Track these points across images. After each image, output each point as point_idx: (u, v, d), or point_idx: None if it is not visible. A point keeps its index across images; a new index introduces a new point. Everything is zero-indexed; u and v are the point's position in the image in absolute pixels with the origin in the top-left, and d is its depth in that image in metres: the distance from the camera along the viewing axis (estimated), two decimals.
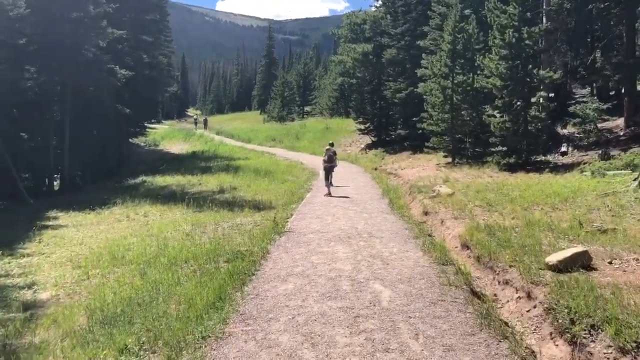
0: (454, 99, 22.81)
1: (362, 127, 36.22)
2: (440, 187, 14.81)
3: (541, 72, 19.58)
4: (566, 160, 19.99)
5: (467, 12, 24.53)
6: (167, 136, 54.45)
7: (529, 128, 20.01)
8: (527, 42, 19.69)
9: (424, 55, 25.87)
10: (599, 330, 4.89)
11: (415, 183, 17.80)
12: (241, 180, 22.15)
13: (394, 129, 32.92)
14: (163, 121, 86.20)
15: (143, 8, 39.12)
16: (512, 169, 19.25)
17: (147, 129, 50.74)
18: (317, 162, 22.95)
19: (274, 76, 78.97)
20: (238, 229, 11.36)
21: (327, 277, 7.08)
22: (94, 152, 31.39)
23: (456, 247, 9.45)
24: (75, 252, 11.28)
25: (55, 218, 17.18)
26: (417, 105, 26.62)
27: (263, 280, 7.09)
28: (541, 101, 20.94)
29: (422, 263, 7.86)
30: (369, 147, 34.26)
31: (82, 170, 32.07)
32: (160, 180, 24.92)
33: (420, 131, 25.08)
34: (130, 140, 46.97)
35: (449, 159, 23.25)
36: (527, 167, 19.27)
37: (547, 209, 11.18)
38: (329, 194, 16.13)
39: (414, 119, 26.62)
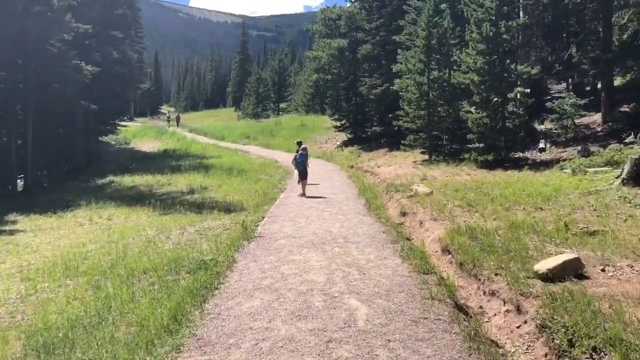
0: (430, 95, 22.34)
1: (338, 124, 35.59)
2: (418, 186, 14.29)
3: (519, 67, 19.24)
4: (545, 156, 19.69)
5: (442, 6, 24.04)
6: (139, 134, 53.10)
7: (507, 124, 19.66)
8: (504, 36, 19.30)
9: (399, 50, 25.35)
10: (602, 354, 4.34)
11: (392, 182, 17.26)
12: (212, 179, 21.34)
13: (370, 126, 32.38)
14: (135, 119, 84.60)
15: (111, 2, 37.76)
16: (490, 166, 18.87)
17: (119, 127, 49.39)
18: (291, 160, 22.21)
19: (249, 72, 77.78)
20: (205, 234, 10.62)
21: (298, 291, 6.40)
22: (60, 151, 30.11)
23: (436, 252, 8.88)
24: (27, 261, 10.37)
25: (13, 222, 16.15)
26: (393, 102, 26.09)
27: (226, 296, 6.38)
28: (519, 97, 20.61)
29: (401, 272, 7.25)
30: (345, 144, 33.67)
31: (48, 170, 30.79)
32: (128, 180, 23.94)
33: (397, 128, 24.56)
34: (100, 138, 45.68)
35: (426, 157, 22.79)
36: (506, 164, 18.89)
37: (530, 209, 10.71)
38: (304, 195, 15.49)
39: (390, 115, 26.11)
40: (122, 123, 64.77)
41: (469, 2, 20.22)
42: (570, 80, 27.76)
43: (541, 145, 20.68)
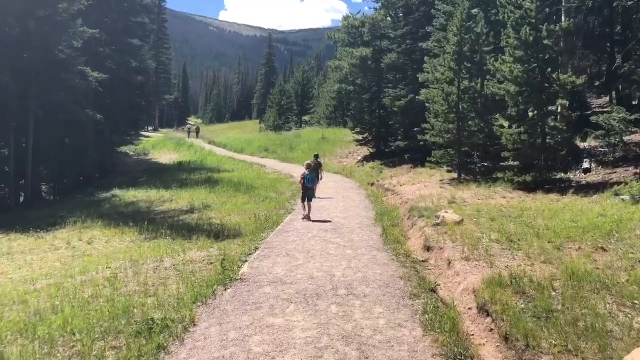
0: (460, 106, 20.11)
1: (360, 137, 33.51)
2: (446, 212, 12.08)
3: (562, 76, 16.88)
4: (591, 178, 17.26)
5: (474, 11, 21.85)
6: (158, 145, 51.94)
7: (548, 141, 17.27)
8: (545, 41, 17.01)
9: (426, 58, 23.23)
10: None
11: (416, 204, 15.08)
12: (217, 196, 19.46)
13: (394, 140, 30.16)
14: (160, 129, 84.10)
15: (128, 9, 36.57)
16: (528, 187, 16.52)
17: (141, 137, 48.32)
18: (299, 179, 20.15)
19: (274, 85, 76.45)
20: (181, 271, 8.63)
21: None
22: (67, 162, 28.77)
23: (470, 309, 6.69)
24: None
25: None
26: (419, 115, 23.91)
27: None
28: (559, 110, 18.26)
29: (421, 354, 5.09)
30: (366, 159, 31.54)
31: (54, 182, 29.47)
32: (131, 194, 22.25)
33: (422, 143, 22.28)
34: (119, 149, 44.55)
35: (454, 175, 20.52)
36: (546, 185, 16.52)
37: (588, 248, 8.44)
38: (308, 218, 13.51)
39: (415, 129, 23.90)
40: (145, 133, 64.15)
41: (506, 2, 18.02)
42: (614, 93, 25.19)
43: (585, 165, 18.26)
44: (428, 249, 10.12)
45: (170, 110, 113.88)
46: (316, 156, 20.37)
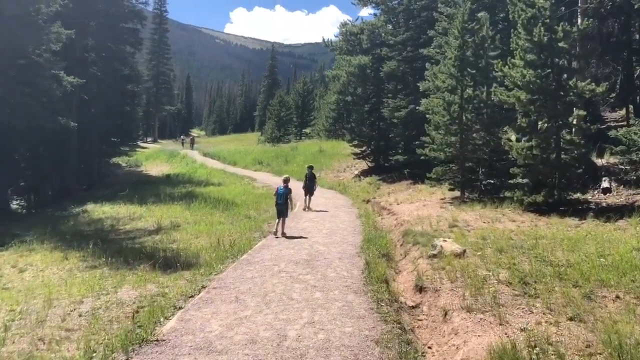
0: (463, 117, 18.08)
1: (358, 150, 31.47)
2: (445, 240, 10.02)
3: (579, 83, 14.83)
4: (612, 200, 15.19)
5: (480, 15, 19.90)
6: (152, 156, 50.21)
7: (563, 156, 15.19)
8: (561, 44, 15.01)
9: (427, 65, 21.28)
10: None
11: (412, 227, 13.08)
12: (193, 214, 17.44)
13: (394, 154, 28.10)
14: (160, 140, 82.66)
15: (117, 14, 34.82)
16: (540, 209, 14.44)
17: (138, 148, 46.57)
18: (300, 192, 18.34)
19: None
20: (95, 321, 6.62)
21: None
22: (42, 174, 26.84)
23: None
24: None
25: None
26: (420, 127, 21.88)
27: None
28: (574, 121, 16.17)
29: None
30: (364, 173, 29.47)
31: (28, 194, 27.54)
32: (101, 210, 20.26)
33: (423, 157, 20.17)
34: (110, 160, 42.69)
35: (457, 193, 18.44)
36: (560, 207, 14.43)
37: (631, 299, 6.39)
38: (277, 233, 12.52)
39: (416, 142, 21.84)
40: (143, 144, 62.41)
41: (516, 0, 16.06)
42: (630, 106, 23.13)
43: (605, 184, 16.20)
44: (421, 289, 8.07)
45: (172, 122, 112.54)
46: (310, 168, 19.77)
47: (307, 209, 17.89)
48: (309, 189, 18.46)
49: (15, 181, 24.00)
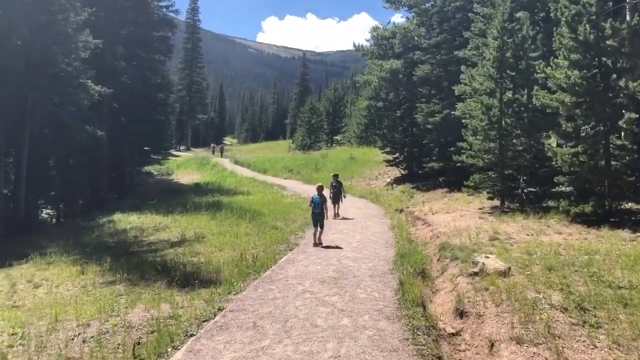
0: (503, 122, 17.04)
1: (390, 157, 30.57)
2: (487, 257, 9.10)
3: (631, 84, 13.66)
4: None
5: (519, 14, 18.85)
6: (183, 165, 50.35)
7: (613, 163, 14.00)
8: (609, 42, 13.88)
9: (463, 68, 20.29)
10: None
11: (449, 240, 12.17)
12: (218, 224, 16.89)
13: (428, 161, 27.08)
14: (193, 148, 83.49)
15: (147, 23, 34.91)
16: (588, 220, 13.32)
17: (170, 157, 46.80)
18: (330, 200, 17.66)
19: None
20: (98, 349, 6.00)
21: None
22: (74, 183, 26.84)
23: None
24: None
25: None
26: (456, 132, 20.88)
27: None
28: (624, 125, 14.91)
29: None
30: (397, 181, 28.53)
31: (58, 204, 27.59)
32: (128, 220, 19.96)
33: (460, 165, 19.18)
34: (142, 169, 42.87)
35: (496, 202, 17.39)
36: (611, 219, 13.26)
37: None
38: (317, 244, 12.49)
39: (452, 148, 20.85)
40: (176, 153, 62.86)
41: None
42: None
43: None
44: (462, 314, 7.19)
45: (206, 130, 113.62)
46: (336, 176, 19.45)
47: (336, 216, 17.73)
48: (336, 198, 18.36)
49: (46, 191, 23.95)
